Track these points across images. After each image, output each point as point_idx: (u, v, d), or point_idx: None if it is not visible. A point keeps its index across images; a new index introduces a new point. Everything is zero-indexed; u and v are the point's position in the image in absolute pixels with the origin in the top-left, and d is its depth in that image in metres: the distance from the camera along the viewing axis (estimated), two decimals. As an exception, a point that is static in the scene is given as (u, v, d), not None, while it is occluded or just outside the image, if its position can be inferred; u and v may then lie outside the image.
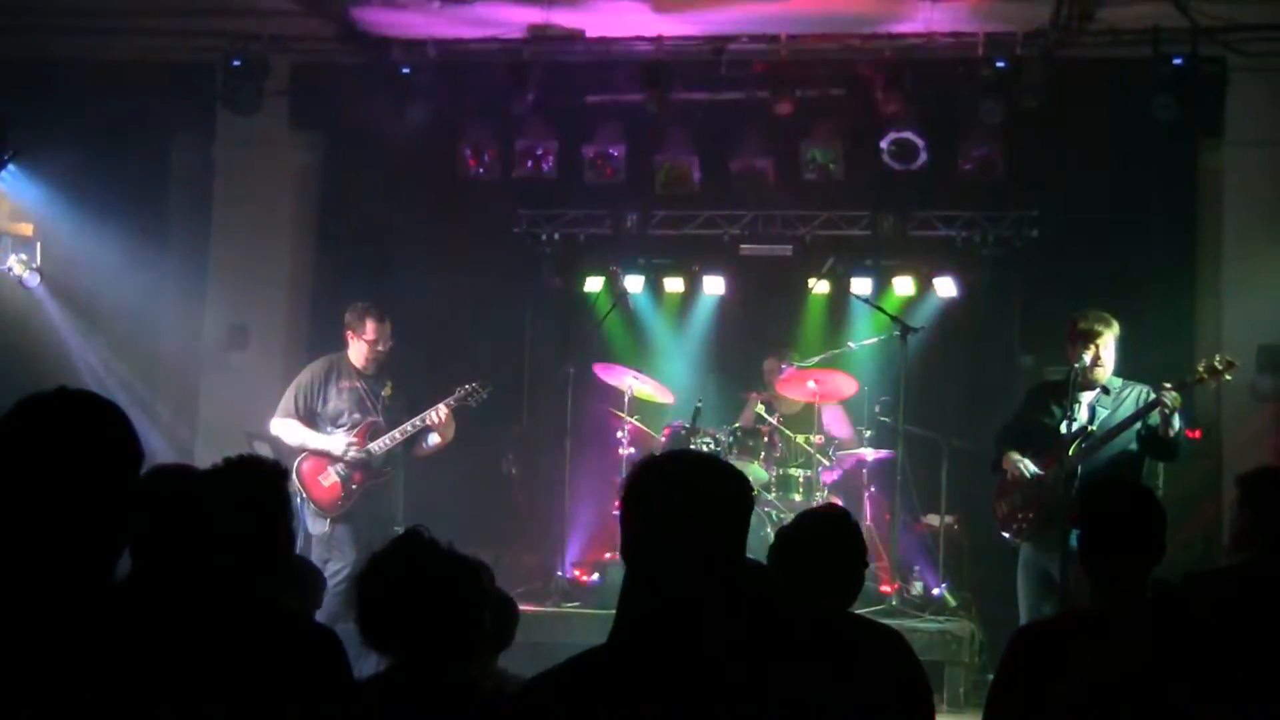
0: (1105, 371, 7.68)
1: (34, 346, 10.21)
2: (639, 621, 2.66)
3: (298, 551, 5.79)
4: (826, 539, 4.51)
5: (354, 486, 8.65)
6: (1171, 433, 7.39)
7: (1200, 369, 7.54)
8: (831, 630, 4.37)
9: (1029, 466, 7.79)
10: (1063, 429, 7.64)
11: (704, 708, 2.55)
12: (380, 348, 8.76)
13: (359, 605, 3.60)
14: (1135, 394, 7.67)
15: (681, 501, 2.67)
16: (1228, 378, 7.54)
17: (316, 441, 8.68)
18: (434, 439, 8.77)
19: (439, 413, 8.65)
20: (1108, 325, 7.63)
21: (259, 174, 11.16)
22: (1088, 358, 7.57)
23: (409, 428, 8.66)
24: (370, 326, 8.72)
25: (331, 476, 8.63)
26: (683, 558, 2.63)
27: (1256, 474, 5.28)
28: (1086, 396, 7.69)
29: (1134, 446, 7.57)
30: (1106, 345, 7.61)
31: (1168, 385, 7.42)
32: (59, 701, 2.53)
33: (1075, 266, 10.36)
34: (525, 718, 2.74)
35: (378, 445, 8.66)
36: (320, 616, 5.21)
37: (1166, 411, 7.34)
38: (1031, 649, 4.09)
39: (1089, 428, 7.62)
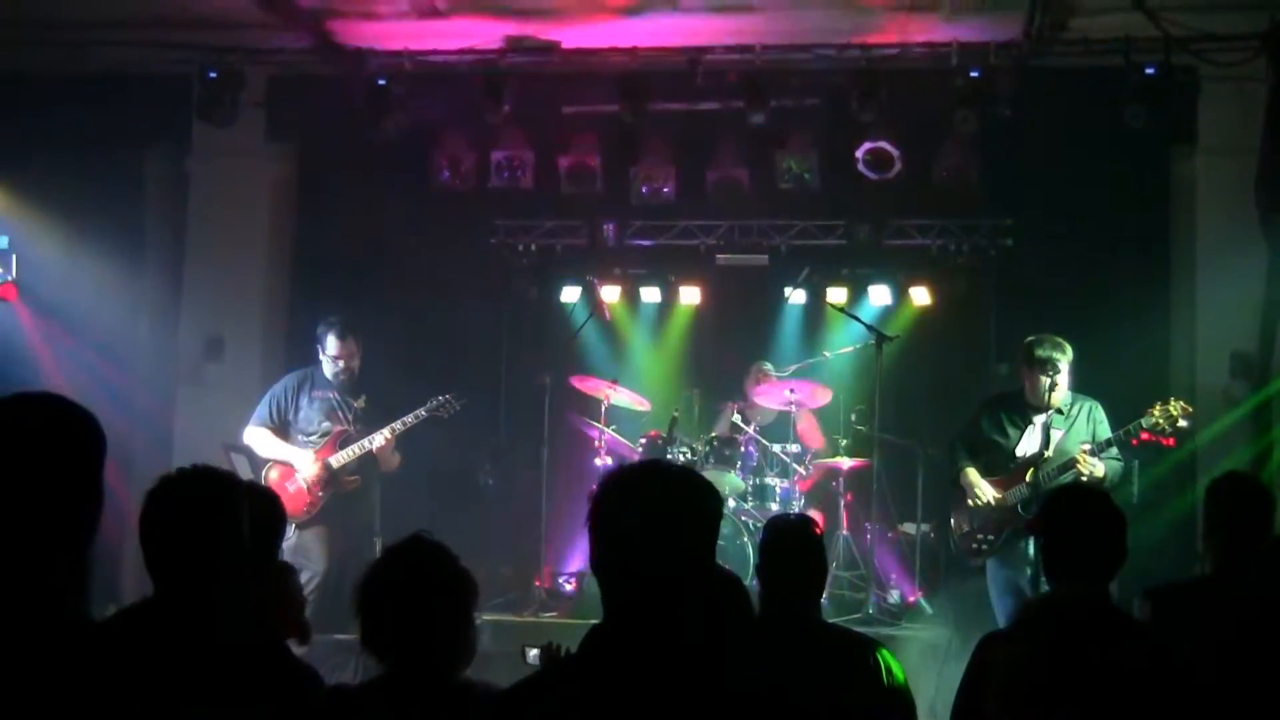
0: (1061, 396, 7.70)
1: (8, 358, 10.15)
2: (605, 634, 2.66)
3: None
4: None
5: (320, 494, 8.66)
6: (1096, 480, 7.37)
7: (1156, 414, 7.45)
8: (811, 639, 4.39)
9: (987, 491, 7.82)
10: (1018, 451, 7.72)
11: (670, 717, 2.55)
12: (344, 363, 8.78)
13: (362, 611, 3.57)
14: (1085, 410, 7.72)
15: (644, 518, 2.66)
16: (1182, 424, 7.50)
17: (284, 453, 8.70)
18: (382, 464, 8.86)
19: (381, 437, 8.67)
20: (1064, 352, 7.62)
21: (234, 186, 11.12)
22: (1047, 384, 7.57)
23: (355, 449, 8.72)
24: (331, 343, 8.76)
25: (297, 483, 8.64)
26: (646, 573, 2.63)
27: (1217, 480, 5.35)
28: (1040, 418, 7.72)
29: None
30: (1064, 372, 7.62)
31: (1085, 446, 7.47)
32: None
33: (1050, 275, 10.41)
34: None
35: (336, 460, 8.69)
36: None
37: (1084, 474, 7.37)
38: (991, 653, 4.10)
39: (1045, 454, 7.65)
